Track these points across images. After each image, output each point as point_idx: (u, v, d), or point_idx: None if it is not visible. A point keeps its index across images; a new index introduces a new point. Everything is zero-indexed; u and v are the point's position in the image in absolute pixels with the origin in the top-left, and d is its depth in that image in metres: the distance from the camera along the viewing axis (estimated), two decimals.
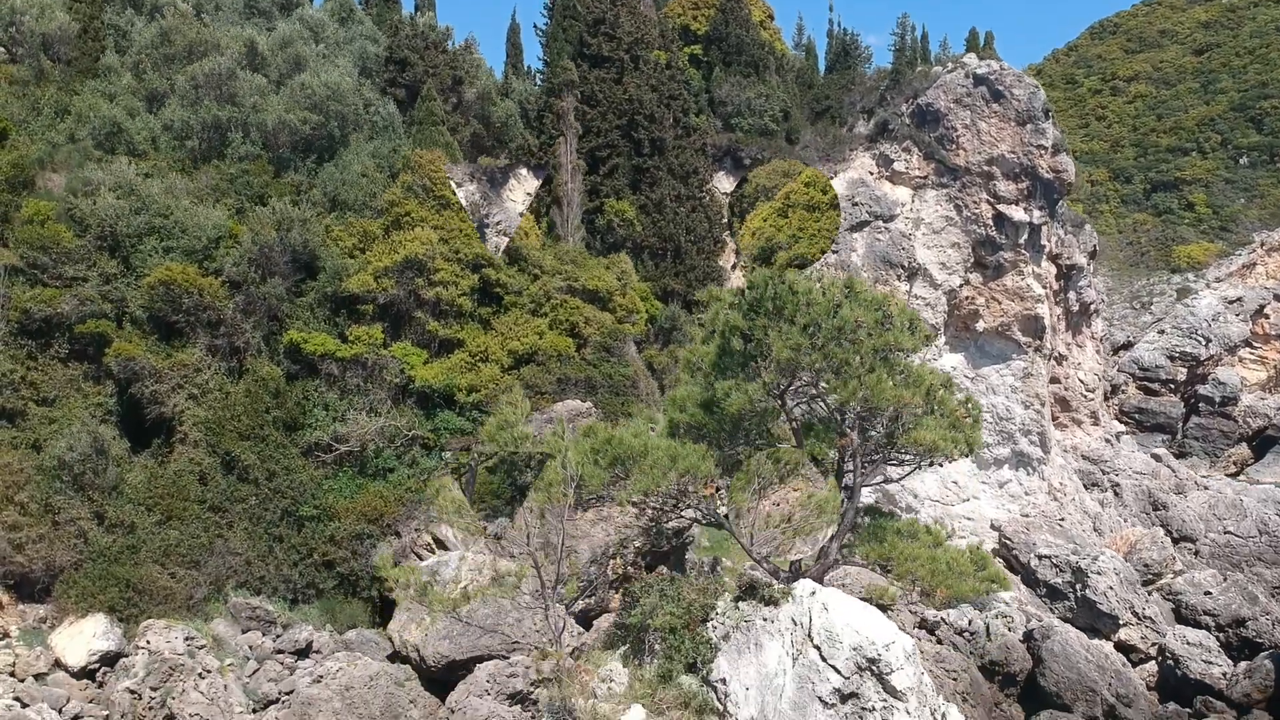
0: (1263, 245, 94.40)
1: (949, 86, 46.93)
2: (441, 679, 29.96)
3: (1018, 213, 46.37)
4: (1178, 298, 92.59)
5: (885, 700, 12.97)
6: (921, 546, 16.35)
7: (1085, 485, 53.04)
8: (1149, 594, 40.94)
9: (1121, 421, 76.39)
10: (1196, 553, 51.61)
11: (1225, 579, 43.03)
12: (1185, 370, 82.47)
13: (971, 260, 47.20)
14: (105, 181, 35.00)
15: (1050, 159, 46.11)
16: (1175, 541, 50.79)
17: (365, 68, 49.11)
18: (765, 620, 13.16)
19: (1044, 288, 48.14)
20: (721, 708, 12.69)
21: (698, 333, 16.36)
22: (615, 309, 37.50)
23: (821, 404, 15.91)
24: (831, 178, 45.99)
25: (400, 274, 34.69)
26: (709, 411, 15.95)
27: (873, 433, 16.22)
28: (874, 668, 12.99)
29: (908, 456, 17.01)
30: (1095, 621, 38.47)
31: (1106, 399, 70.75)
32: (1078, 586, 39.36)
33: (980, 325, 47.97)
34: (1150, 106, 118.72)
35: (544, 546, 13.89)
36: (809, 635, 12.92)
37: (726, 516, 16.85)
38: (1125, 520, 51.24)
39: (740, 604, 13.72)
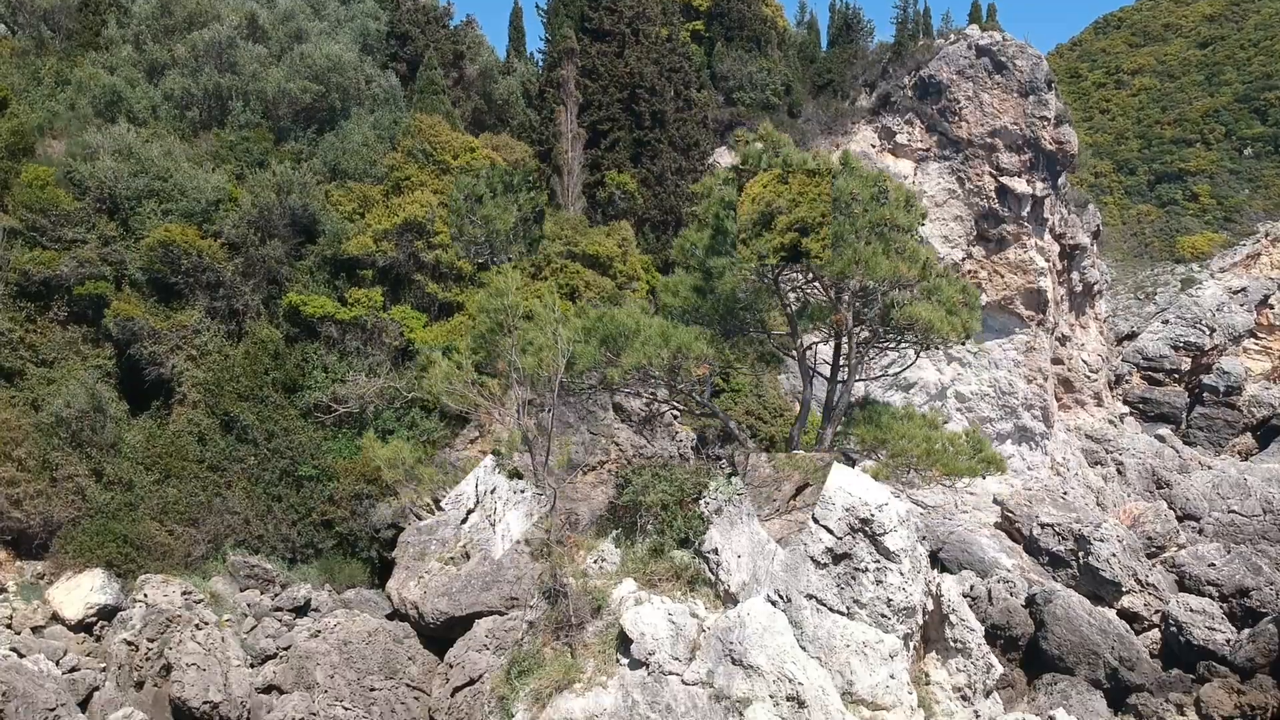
0: (1267, 236, 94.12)
1: (951, 58, 46.82)
2: (440, 637, 29.80)
3: (1020, 185, 46.24)
4: (1182, 288, 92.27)
5: (878, 561, 12.82)
6: (917, 427, 16.26)
7: (1089, 463, 52.84)
8: (1152, 565, 40.75)
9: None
10: (1200, 531, 51.35)
11: (1229, 551, 42.86)
12: (1189, 360, 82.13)
13: (974, 233, 47.05)
14: (105, 145, 34.99)
15: (1053, 130, 45.98)
16: (1179, 520, 50.55)
17: (366, 45, 49.07)
18: None
19: (1046, 260, 47.99)
20: (713, 577, 12.57)
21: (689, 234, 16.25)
22: (616, 274, 37.39)
23: (816, 287, 15.77)
24: (833, 151, 45.83)
25: (399, 236, 34.61)
26: (702, 296, 15.88)
27: (868, 312, 16.11)
28: (866, 529, 12.85)
29: (905, 340, 16.92)
30: (1098, 589, 38.28)
31: (1111, 389, 70.47)
32: (1080, 554, 39.17)
33: (983, 299, 47.74)
34: (1154, 99, 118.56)
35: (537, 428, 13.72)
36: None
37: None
38: (1129, 497, 51.04)
39: (733, 479, 13.63)
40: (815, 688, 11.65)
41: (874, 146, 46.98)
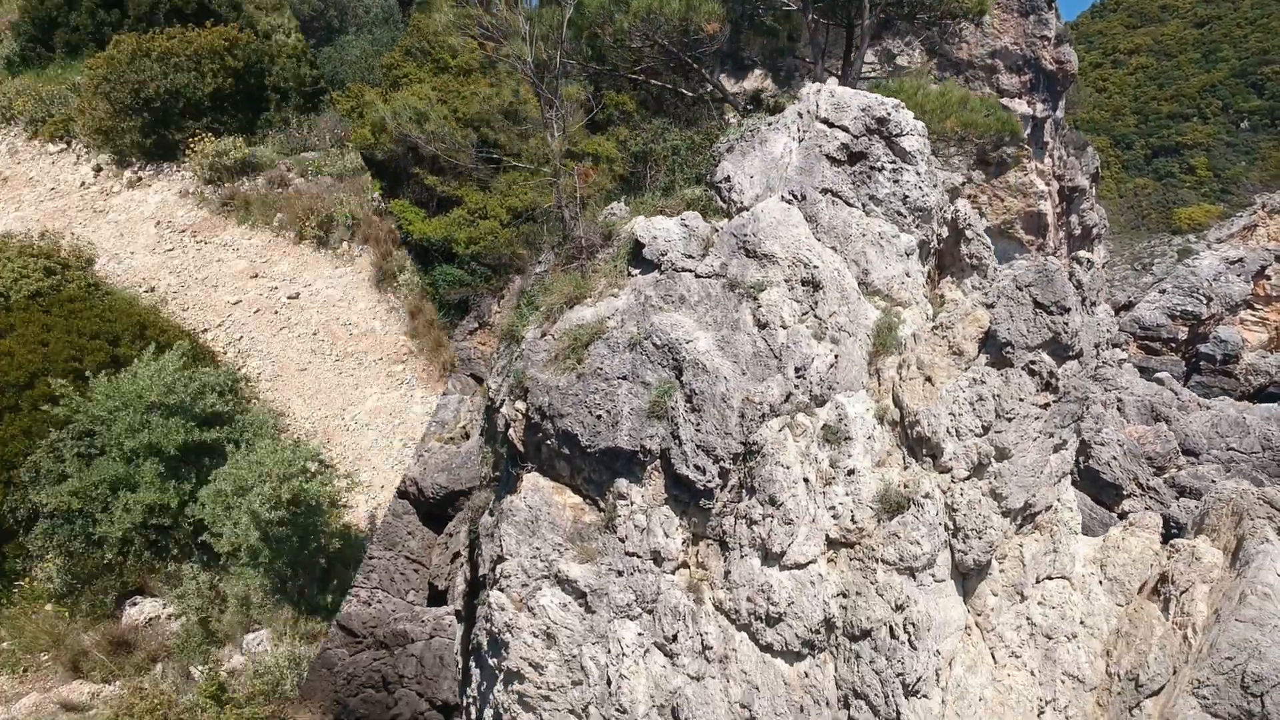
0: (1264, 207, 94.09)
1: None
2: (439, 514, 29.65)
3: (1021, 106, 46.08)
4: (1179, 258, 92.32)
5: (894, 161, 12.65)
6: (933, 85, 16.19)
7: None
8: (1152, 475, 40.63)
9: None
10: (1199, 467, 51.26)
11: (1229, 471, 42.75)
12: (1186, 329, 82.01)
13: (974, 157, 46.79)
14: None
15: (1053, 50, 45.88)
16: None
17: None
18: (770, 124, 12.87)
19: (1046, 184, 47.89)
20: (725, 204, 12.37)
21: None
22: (615, 177, 37.21)
23: None
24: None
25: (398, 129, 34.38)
26: None
27: None
28: (882, 129, 12.68)
29: (919, 17, 16.93)
30: (1099, 493, 38.11)
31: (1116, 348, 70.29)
32: (1080, 459, 38.98)
33: (983, 223, 47.60)
34: (1151, 77, 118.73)
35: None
36: (815, 116, 12.61)
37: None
38: (1128, 425, 50.93)
39: (744, 121, 13.46)
40: (831, 270, 11.49)
41: (874, 70, 46.80)
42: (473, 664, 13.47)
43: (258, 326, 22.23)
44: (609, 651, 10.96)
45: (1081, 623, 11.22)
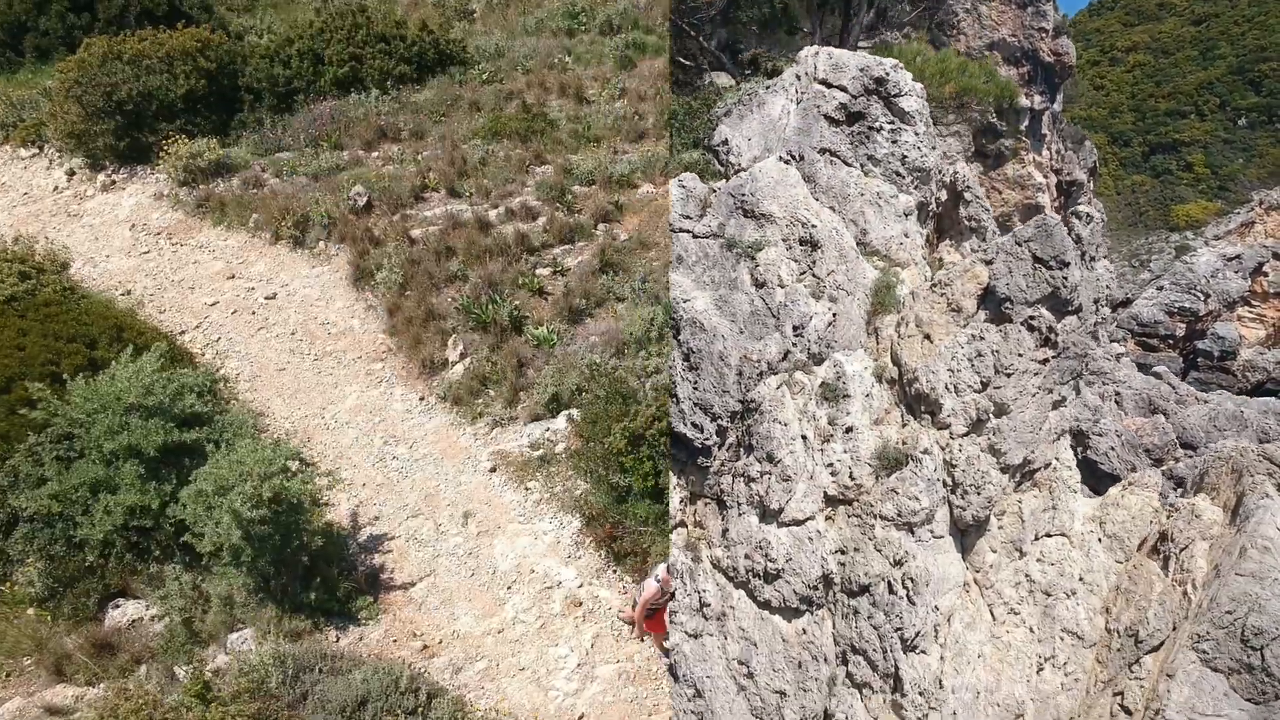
0: (1261, 204, 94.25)
1: None
2: None
3: (1019, 98, 46.08)
4: (1176, 255, 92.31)
5: (892, 122, 12.67)
6: (931, 52, 16.26)
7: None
8: (1149, 467, 40.61)
9: None
10: None
11: None
12: (1184, 326, 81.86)
13: (972, 149, 46.77)
14: None
15: (1051, 42, 45.89)
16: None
17: None
18: (768, 87, 12.88)
19: (1044, 176, 47.87)
20: (723, 166, 12.41)
21: None
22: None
23: None
24: None
25: None
26: None
27: None
28: (881, 89, 12.71)
29: None
30: (1097, 483, 37.91)
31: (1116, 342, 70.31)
32: (1077, 449, 38.87)
33: None
34: (1148, 74, 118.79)
35: None
36: (813, 77, 12.61)
37: None
38: (1126, 416, 50.92)
39: (743, 85, 13.49)
40: (829, 229, 11.50)
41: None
42: None
43: (235, 327, 22.31)
44: None
45: (1081, 579, 11.21)
